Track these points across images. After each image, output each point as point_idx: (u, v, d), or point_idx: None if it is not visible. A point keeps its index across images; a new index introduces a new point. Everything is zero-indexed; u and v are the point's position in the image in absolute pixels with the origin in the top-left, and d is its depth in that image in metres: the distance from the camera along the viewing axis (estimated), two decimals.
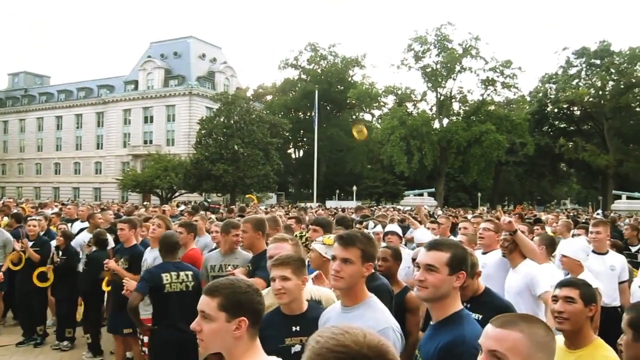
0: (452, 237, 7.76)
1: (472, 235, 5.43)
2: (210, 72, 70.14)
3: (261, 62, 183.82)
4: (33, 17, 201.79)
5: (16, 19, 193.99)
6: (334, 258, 2.58)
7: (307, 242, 5.48)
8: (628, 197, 43.02)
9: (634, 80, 54.77)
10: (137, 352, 5.91)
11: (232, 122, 48.76)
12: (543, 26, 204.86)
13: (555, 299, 2.80)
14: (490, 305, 3.26)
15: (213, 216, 11.73)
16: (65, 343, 7.51)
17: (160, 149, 60.81)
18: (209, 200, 36.89)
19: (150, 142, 65.83)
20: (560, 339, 2.77)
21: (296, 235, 6.99)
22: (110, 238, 7.24)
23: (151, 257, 5.59)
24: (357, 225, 7.47)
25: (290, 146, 70.95)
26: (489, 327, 1.67)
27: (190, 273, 4.97)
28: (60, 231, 7.79)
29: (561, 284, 2.89)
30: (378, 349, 1.14)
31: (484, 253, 4.92)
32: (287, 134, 63.30)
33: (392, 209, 26.01)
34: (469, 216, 13.80)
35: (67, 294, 7.44)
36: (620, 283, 5.67)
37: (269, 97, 71.02)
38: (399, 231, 6.65)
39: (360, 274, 2.52)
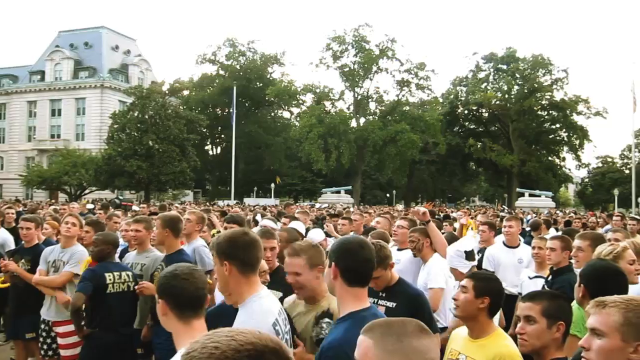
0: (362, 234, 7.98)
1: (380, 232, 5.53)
2: (123, 64, 67.75)
3: (178, 56, 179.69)
4: None
5: None
6: None
7: None
8: (530, 195, 45.81)
9: (536, 85, 58.26)
10: (39, 358, 5.63)
11: (146, 117, 47.37)
12: (455, 31, 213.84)
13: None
14: (403, 294, 3.48)
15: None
16: None
17: (69, 143, 58.19)
18: (120, 197, 35.58)
19: (58, 136, 62.79)
20: (465, 329, 2.97)
21: (214, 234, 6.97)
22: (10, 238, 6.85)
23: (67, 255, 5.32)
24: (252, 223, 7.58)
25: (208, 143, 69.78)
26: None
27: (130, 273, 4.90)
28: None
29: (469, 275, 3.09)
30: (277, 340, 1.16)
31: (399, 249, 5.12)
32: (205, 130, 62.26)
33: (309, 207, 26.30)
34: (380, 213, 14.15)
35: None
36: None
37: (185, 92, 69.31)
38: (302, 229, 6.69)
39: (221, 273, 2.55)
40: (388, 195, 66.19)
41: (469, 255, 4.12)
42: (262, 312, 2.50)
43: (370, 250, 2.53)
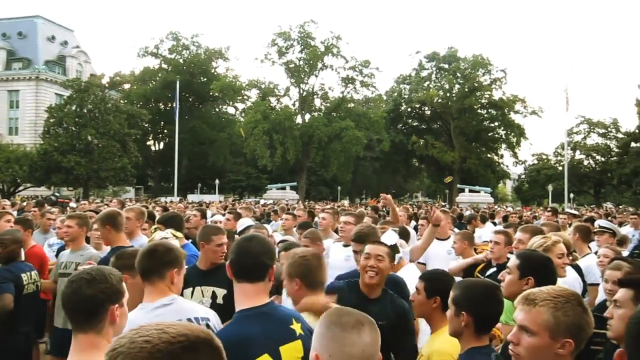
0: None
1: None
2: (60, 56, 65.28)
3: (118, 48, 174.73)
4: None
5: None
6: None
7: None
8: (470, 190, 47.21)
9: (476, 85, 59.95)
10: None
11: (85, 110, 45.95)
12: (399, 30, 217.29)
13: None
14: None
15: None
16: None
17: (2, 138, 55.58)
18: (57, 194, 34.27)
19: None
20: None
21: (153, 230, 6.84)
22: None
23: None
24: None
25: (150, 138, 68.04)
26: None
27: (35, 272, 4.72)
28: None
29: (419, 277, 3.20)
30: (207, 331, 1.16)
31: (345, 245, 5.12)
32: (147, 125, 60.78)
33: (253, 202, 26.16)
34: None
35: None
36: None
37: (126, 86, 67.42)
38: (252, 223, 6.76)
39: None
40: (333, 191, 66.64)
41: (394, 249, 4.26)
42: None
43: (260, 244, 2.43)
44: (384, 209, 15.82)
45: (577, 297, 1.95)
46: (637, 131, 52.32)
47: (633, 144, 52.68)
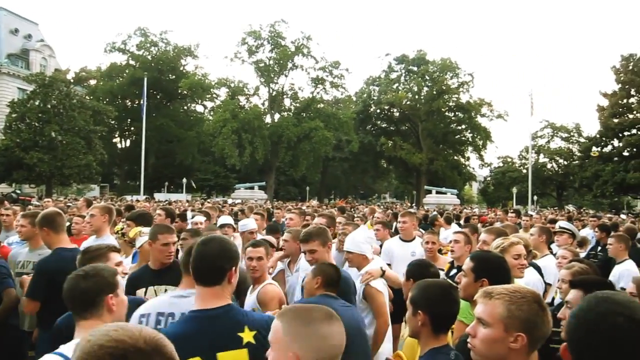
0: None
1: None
2: (24, 49, 63.57)
3: (84, 43, 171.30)
4: None
5: None
6: None
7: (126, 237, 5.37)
8: (437, 192, 47.80)
9: (444, 88, 60.77)
10: None
11: (49, 106, 44.85)
12: (369, 32, 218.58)
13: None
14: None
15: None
16: None
17: None
18: (18, 191, 33.42)
19: None
20: None
21: (118, 230, 6.76)
22: None
23: None
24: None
25: (116, 135, 66.89)
26: None
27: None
28: None
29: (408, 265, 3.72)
30: (155, 342, 1.16)
31: None
32: (113, 122, 59.71)
33: (222, 202, 26.05)
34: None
35: None
36: None
37: (92, 82, 66.10)
38: (232, 222, 6.87)
39: None
40: (302, 191, 66.68)
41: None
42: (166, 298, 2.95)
43: (217, 248, 2.39)
44: (351, 210, 16.00)
45: (534, 295, 2.01)
46: (598, 136, 53.72)
47: (594, 148, 54.10)
